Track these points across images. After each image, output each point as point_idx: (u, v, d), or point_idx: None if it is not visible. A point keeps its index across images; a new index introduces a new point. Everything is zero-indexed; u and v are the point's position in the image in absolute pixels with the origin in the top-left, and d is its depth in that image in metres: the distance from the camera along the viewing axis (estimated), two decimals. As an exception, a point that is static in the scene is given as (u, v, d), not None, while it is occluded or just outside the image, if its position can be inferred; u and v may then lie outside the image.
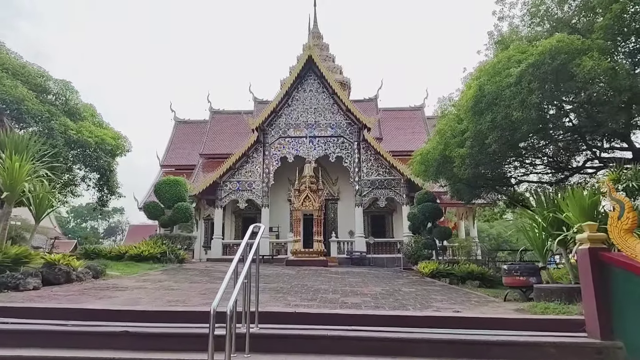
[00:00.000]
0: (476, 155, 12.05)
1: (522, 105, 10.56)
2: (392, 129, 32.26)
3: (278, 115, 25.33)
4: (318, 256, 18.98)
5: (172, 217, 16.27)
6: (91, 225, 66.62)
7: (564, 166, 17.34)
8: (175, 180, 16.83)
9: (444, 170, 13.95)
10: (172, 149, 31.95)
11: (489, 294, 9.21)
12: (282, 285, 9.12)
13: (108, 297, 6.53)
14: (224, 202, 24.55)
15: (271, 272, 13.08)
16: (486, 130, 11.44)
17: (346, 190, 26.18)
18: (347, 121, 25.23)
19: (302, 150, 24.14)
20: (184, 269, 12.54)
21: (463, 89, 14.38)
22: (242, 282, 4.27)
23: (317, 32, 32.14)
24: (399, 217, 25.99)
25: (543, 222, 8.28)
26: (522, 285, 7.54)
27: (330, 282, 10.45)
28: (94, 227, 66.54)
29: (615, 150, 14.32)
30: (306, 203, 19.64)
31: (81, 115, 15.01)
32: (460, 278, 14.51)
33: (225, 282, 4.13)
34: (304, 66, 25.27)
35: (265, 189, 24.36)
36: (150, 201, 16.48)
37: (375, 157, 24.73)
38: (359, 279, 12.10)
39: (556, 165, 17.66)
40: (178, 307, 5.70)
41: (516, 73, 10.43)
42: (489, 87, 11.32)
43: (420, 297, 7.91)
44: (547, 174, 18.23)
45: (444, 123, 13.63)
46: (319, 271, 14.61)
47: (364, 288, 9.35)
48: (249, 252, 4.98)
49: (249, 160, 24.96)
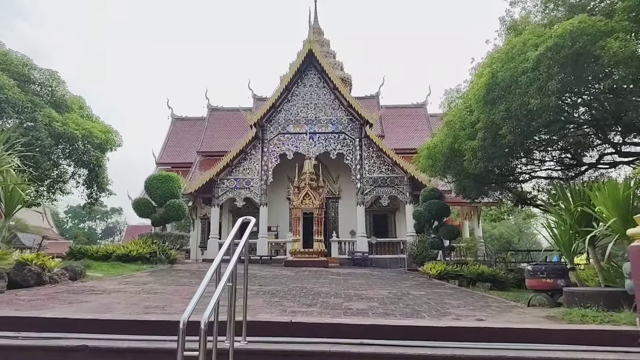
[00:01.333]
0: (489, 148, 11.20)
1: (539, 92, 9.72)
2: (394, 127, 31.46)
3: (277, 110, 24.49)
4: (318, 257, 18.13)
5: (163, 215, 15.38)
6: (89, 226, 65.79)
7: (576, 162, 16.51)
8: (168, 175, 15.93)
9: (453, 164, 13.10)
10: (168, 146, 31.12)
11: (507, 298, 8.37)
12: (278, 289, 8.27)
13: (79, 302, 5.70)
14: (221, 201, 23.70)
15: (268, 274, 12.23)
16: (500, 121, 10.59)
17: (347, 189, 25.34)
18: (348, 117, 24.40)
19: (302, 146, 23.29)
20: (175, 270, 11.69)
21: (472, 79, 13.54)
22: (225, 285, 3.45)
23: (317, 28, 31.31)
24: (402, 217, 25.13)
25: (569, 218, 7.46)
26: (549, 288, 6.69)
27: (331, 285, 9.61)
28: (92, 228, 65.70)
29: (628, 144, 13.48)
30: (306, 201, 18.79)
31: (68, 107, 14.16)
32: (470, 280, 13.68)
33: (203, 286, 3.32)
34: (304, 60, 24.44)
35: (263, 186, 23.51)
36: (141, 198, 15.60)
37: (377, 154, 23.89)
38: (363, 280, 11.25)
39: (567, 161, 16.84)
40: (152, 315, 4.86)
41: (533, 57, 9.59)
42: (503, 74, 10.48)
43: (433, 301, 7.07)
44: (555, 170, 17.41)
45: (453, 114, 12.79)
46: (320, 272, 13.77)
47: (369, 291, 8.51)
48: (236, 249, 4.17)
49: (247, 157, 24.11)
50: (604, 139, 13.38)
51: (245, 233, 4.57)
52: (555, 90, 9.30)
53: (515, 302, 7.59)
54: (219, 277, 3.73)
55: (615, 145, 12.86)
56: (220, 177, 23.73)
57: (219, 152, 25.75)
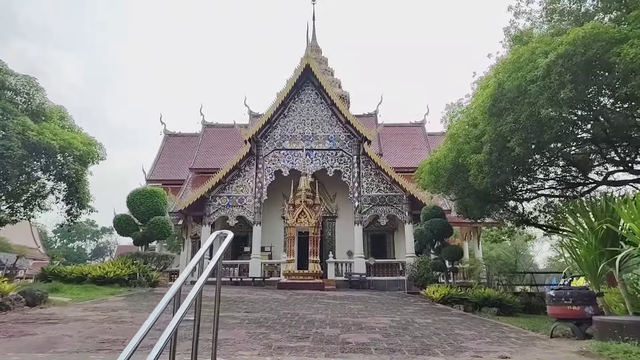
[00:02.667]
0: (495, 162, 10.47)
1: (550, 101, 9.05)
2: (392, 145, 30.93)
3: (273, 126, 23.82)
4: (314, 278, 17.17)
5: (146, 233, 14.41)
6: (78, 246, 64.25)
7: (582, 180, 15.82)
8: (152, 191, 15.00)
9: (457, 180, 12.35)
10: (160, 162, 30.33)
11: (523, 326, 7.51)
12: (267, 316, 7.37)
13: (22, 336, 4.83)
14: (213, 219, 22.76)
15: (258, 298, 11.30)
16: (508, 133, 9.89)
17: (345, 208, 24.50)
18: (346, 134, 23.73)
19: (299, 163, 22.54)
20: (154, 294, 10.74)
21: (475, 92, 12.93)
22: (178, 321, 2.63)
23: (315, 46, 31.01)
24: (400, 237, 24.25)
25: (592, 238, 6.66)
26: (576, 316, 5.85)
27: (327, 310, 8.72)
28: (81, 248, 64.17)
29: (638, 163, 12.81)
30: (301, 219, 17.91)
31: (47, 116, 13.35)
32: (475, 304, 12.82)
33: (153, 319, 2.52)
34: (301, 76, 23.88)
35: (257, 204, 22.63)
36: (122, 215, 14.60)
37: (376, 172, 23.14)
38: (361, 305, 10.35)
39: (570, 180, 16.15)
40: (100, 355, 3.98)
41: (544, 65, 8.94)
42: (510, 84, 9.82)
43: (443, 332, 6.20)
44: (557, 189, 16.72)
45: (457, 127, 12.09)
46: (315, 296, 12.84)
47: (369, 318, 7.62)
48: (205, 269, 3.38)
49: (241, 174, 23.29)
50: (605, 157, 12.71)
51: (219, 249, 3.79)
52: (567, 100, 8.61)
53: (534, 332, 6.73)
54: (178, 305, 2.92)
55: (625, 162, 12.16)
56: (212, 195, 22.86)
57: (213, 169, 24.94)
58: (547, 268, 57.05)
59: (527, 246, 55.64)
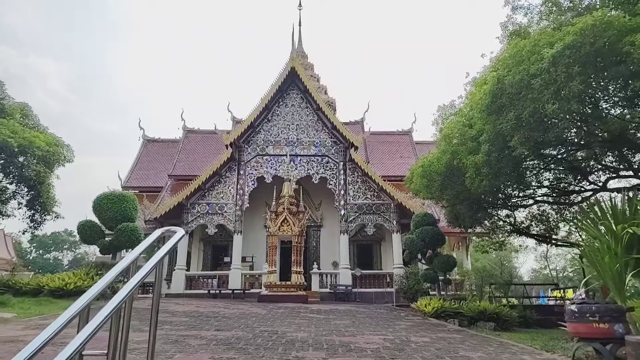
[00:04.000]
0: (495, 163, 9.64)
1: (557, 96, 8.28)
2: (379, 153, 30.22)
3: (256, 130, 22.83)
4: (296, 290, 16.11)
5: (113, 241, 13.20)
6: (54, 257, 61.76)
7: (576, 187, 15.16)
8: (121, 195, 13.80)
9: (452, 184, 11.50)
10: (137, 168, 29.01)
11: (532, 345, 6.59)
12: (240, 335, 6.32)
13: None
14: (191, 227, 21.56)
15: (234, 312, 10.21)
16: (509, 131, 9.08)
17: (330, 217, 23.54)
18: (332, 140, 22.88)
19: (282, 169, 21.55)
20: (118, 307, 9.64)
21: (470, 91, 12.17)
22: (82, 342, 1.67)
23: (301, 52, 30.26)
24: (388, 247, 23.36)
25: (615, 244, 5.81)
26: (604, 336, 4.96)
27: (310, 327, 7.70)
28: (58, 259, 61.70)
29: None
30: (284, 227, 16.87)
31: (7, 113, 12.18)
32: (470, 319, 11.92)
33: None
34: (285, 79, 23.03)
35: (238, 212, 21.53)
36: (86, 221, 13.35)
37: (362, 180, 22.29)
38: (348, 320, 9.35)
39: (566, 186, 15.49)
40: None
41: (549, 56, 8.16)
42: (511, 78, 9.04)
43: (446, 353, 5.25)
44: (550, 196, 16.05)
45: (452, 126, 11.26)
46: (297, 310, 11.80)
47: (358, 337, 6.63)
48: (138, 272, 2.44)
49: (222, 180, 22.20)
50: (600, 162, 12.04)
51: (161, 249, 2.81)
52: (576, 93, 7.84)
53: (550, 352, 5.82)
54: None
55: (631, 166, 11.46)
56: (190, 202, 21.70)
57: (193, 176, 23.77)
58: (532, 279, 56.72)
59: (512, 258, 55.39)
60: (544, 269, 56.78)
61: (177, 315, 9.22)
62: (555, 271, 54.91)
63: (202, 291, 19.65)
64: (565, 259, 53.73)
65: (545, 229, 18.51)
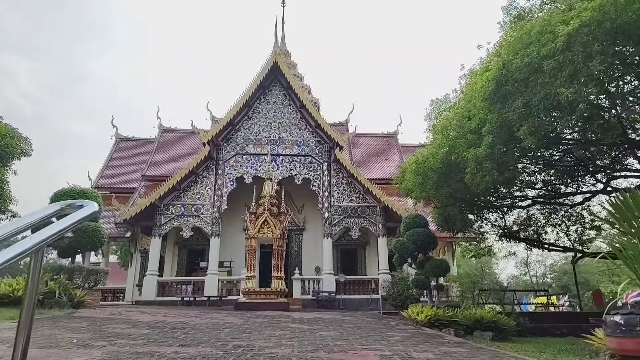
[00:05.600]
0: (499, 156, 8.73)
1: (573, 79, 7.41)
2: (363, 156, 29.40)
3: (236, 128, 21.65)
4: (277, 297, 14.93)
5: (73, 243, 11.82)
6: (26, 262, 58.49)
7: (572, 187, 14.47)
8: (82, 192, 12.34)
9: (448, 181, 10.54)
10: (109, 169, 27.45)
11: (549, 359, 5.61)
12: (208, 352, 5.16)
13: None
14: (164, 230, 20.18)
15: (206, 323, 9.00)
16: (516, 120, 8.18)
17: (313, 220, 22.46)
18: (316, 139, 21.85)
19: (263, 169, 20.35)
20: (69, 319, 8.24)
21: (468, 82, 11.30)
22: None
23: (284, 50, 29.10)
24: (373, 251, 22.41)
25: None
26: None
27: (293, 340, 6.58)
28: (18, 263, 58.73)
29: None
30: (264, 230, 15.69)
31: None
32: (466, 328, 10.99)
33: None
34: (267, 74, 21.95)
35: (216, 214, 20.26)
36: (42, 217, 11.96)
37: (347, 181, 21.30)
38: (336, 331, 8.26)
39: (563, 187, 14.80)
40: None
41: (564, 34, 7.29)
42: (519, 62, 8.15)
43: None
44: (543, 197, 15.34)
45: (449, 118, 10.32)
46: (278, 319, 10.64)
47: (350, 353, 5.55)
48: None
49: (198, 180, 20.92)
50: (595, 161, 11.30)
51: (55, 224, 1.68)
52: (597, 74, 6.97)
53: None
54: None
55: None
56: (164, 203, 20.33)
57: (169, 177, 22.47)
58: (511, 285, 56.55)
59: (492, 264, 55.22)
60: (524, 275, 56.72)
61: (139, 326, 7.99)
62: (535, 277, 54.90)
63: (175, 298, 18.31)
64: (545, 264, 53.86)
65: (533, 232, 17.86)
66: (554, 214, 17.13)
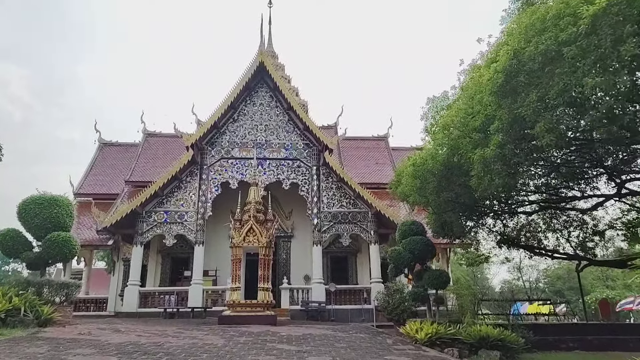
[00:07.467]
0: (510, 156, 7.81)
1: (599, 65, 6.52)
2: (353, 159, 28.36)
3: (221, 132, 20.58)
4: (263, 310, 13.87)
5: (42, 254, 10.65)
6: (13, 268, 55.98)
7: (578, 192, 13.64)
8: (52, 199, 11.17)
9: (450, 185, 9.61)
10: (92, 174, 26.09)
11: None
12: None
13: None
14: (146, 238, 19.00)
15: (183, 345, 7.91)
16: (530, 116, 7.27)
17: (302, 226, 21.43)
18: (304, 142, 20.87)
19: (249, 174, 19.29)
20: (32, 341, 7.11)
21: (471, 76, 10.41)
22: None
23: (272, 52, 28.04)
24: (364, 259, 21.42)
25: None
26: None
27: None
28: (17, 270, 55.92)
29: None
30: (250, 238, 14.62)
31: None
32: (471, 346, 10.05)
33: None
34: (253, 75, 20.92)
35: (200, 221, 19.13)
36: (8, 230, 10.73)
37: (338, 186, 20.31)
38: (328, 356, 7.24)
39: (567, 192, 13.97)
40: None
41: (589, 15, 6.40)
42: (533, 49, 7.25)
43: None
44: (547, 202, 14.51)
45: (452, 115, 9.39)
46: (263, 337, 9.60)
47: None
48: None
49: (182, 185, 19.78)
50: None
51: None
52: (630, 59, 6.08)
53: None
54: None
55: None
56: (146, 210, 19.17)
57: (153, 183, 21.35)
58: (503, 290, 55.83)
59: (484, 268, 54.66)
60: (517, 280, 56.18)
61: (106, 350, 6.91)
62: (528, 282, 54.38)
63: (158, 309, 17.18)
64: (538, 269, 53.36)
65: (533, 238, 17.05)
66: (555, 219, 16.35)
